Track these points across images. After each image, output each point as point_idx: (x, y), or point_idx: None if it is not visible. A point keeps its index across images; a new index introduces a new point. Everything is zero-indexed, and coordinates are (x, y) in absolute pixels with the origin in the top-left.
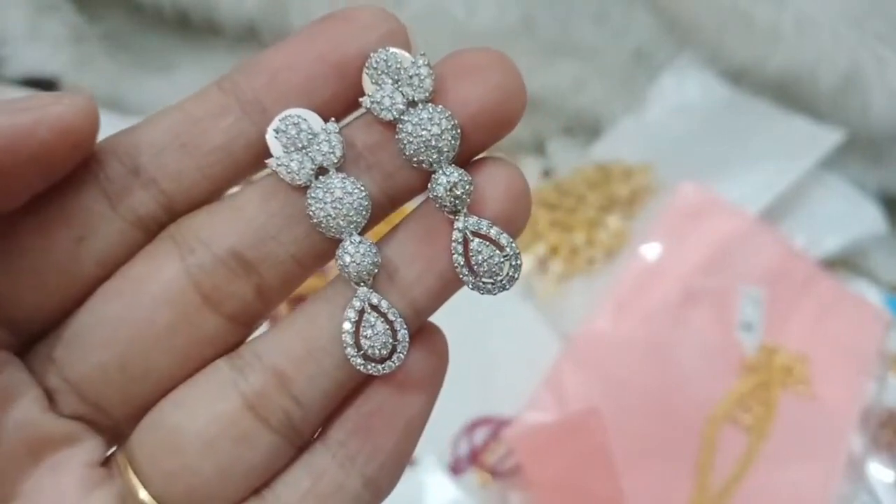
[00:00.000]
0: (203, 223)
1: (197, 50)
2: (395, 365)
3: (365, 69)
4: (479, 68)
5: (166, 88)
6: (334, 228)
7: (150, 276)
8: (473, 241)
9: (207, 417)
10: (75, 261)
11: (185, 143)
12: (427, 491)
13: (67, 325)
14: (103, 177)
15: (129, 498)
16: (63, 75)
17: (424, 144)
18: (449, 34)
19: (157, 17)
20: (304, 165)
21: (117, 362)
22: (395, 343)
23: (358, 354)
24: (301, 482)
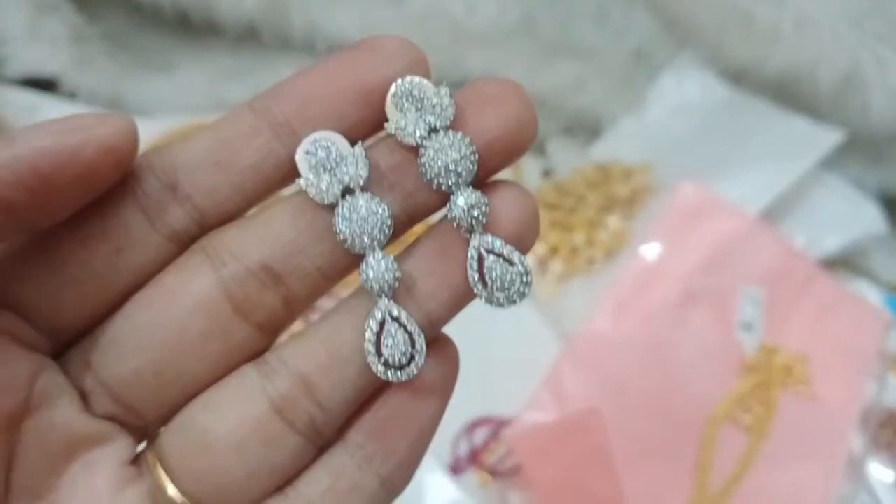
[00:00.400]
0: (234, 237)
1: (197, 50)
2: (413, 372)
3: (391, 96)
4: (496, 98)
5: (166, 88)
6: (359, 245)
7: (184, 287)
8: (488, 258)
9: (237, 420)
10: (113, 271)
11: (218, 161)
12: (427, 491)
13: (103, 331)
14: (141, 192)
15: (159, 495)
16: (63, 75)
17: (445, 169)
18: (449, 34)
19: (158, 17)
20: (332, 186)
21: (152, 367)
22: (413, 352)
23: (379, 362)
24: (321, 481)
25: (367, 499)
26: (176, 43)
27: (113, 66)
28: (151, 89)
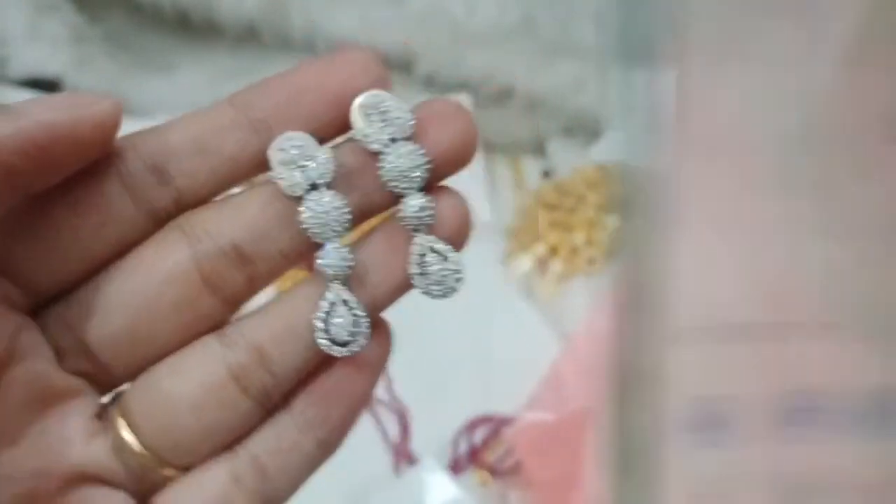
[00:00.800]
0: (209, 218)
1: (197, 50)
2: (355, 349)
3: (359, 106)
4: (447, 117)
5: (167, 88)
6: (320, 234)
7: (161, 259)
8: (428, 255)
9: (197, 383)
10: (96, 241)
11: (200, 149)
12: (427, 490)
13: (83, 294)
14: (125, 172)
15: (123, 446)
16: (64, 75)
17: (401, 174)
18: (449, 34)
19: (158, 18)
20: (301, 181)
21: (127, 329)
22: (356, 332)
23: (326, 338)
24: (267, 440)
25: (304, 456)
26: (176, 43)
27: (113, 67)
28: (152, 89)
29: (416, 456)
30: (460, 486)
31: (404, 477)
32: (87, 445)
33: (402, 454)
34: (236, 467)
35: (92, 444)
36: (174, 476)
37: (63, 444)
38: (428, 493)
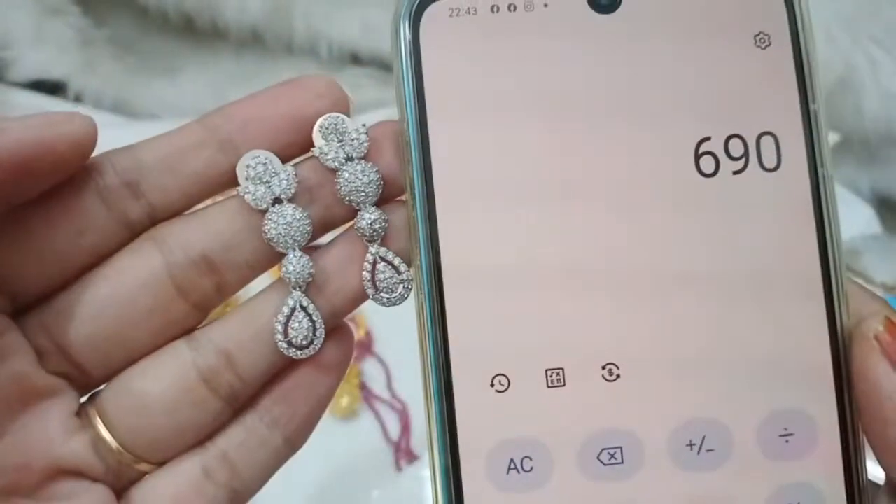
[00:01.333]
0: (180, 230)
1: (202, 54)
2: (311, 353)
3: (319, 127)
4: (396, 137)
5: (171, 92)
6: (282, 245)
7: (136, 268)
8: (380, 264)
9: (169, 385)
10: (73, 250)
11: (171, 166)
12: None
13: (62, 300)
14: (102, 185)
15: (100, 444)
16: (69, 78)
17: (356, 189)
18: None
19: (163, 22)
20: (266, 195)
21: (103, 333)
22: (313, 337)
23: (284, 340)
24: (236, 437)
25: (271, 452)
26: (181, 47)
27: (118, 70)
28: (156, 92)
29: (417, 453)
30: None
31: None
32: (66, 441)
33: (403, 452)
34: (207, 462)
35: (71, 440)
36: (149, 470)
37: (44, 440)
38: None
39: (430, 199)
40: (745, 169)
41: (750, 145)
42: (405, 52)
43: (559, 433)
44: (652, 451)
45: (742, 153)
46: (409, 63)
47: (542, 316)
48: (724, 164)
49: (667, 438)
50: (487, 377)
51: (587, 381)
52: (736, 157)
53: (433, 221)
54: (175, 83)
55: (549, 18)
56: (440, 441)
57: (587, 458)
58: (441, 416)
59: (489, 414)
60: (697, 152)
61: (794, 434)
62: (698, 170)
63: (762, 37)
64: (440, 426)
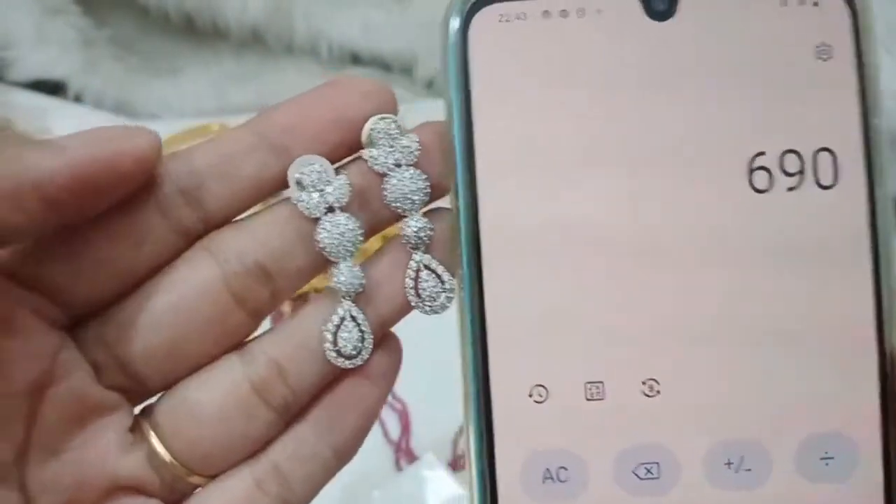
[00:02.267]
0: (234, 238)
1: (202, 54)
2: (359, 362)
3: (370, 129)
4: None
5: (172, 92)
6: (335, 254)
7: (193, 278)
8: (423, 272)
9: (222, 396)
10: (131, 261)
11: (224, 172)
12: (428, 487)
13: (119, 312)
14: (160, 195)
15: (154, 458)
16: (70, 78)
17: (403, 196)
18: None
19: (164, 22)
20: (319, 204)
21: (163, 344)
22: (362, 346)
23: (333, 350)
24: (287, 448)
25: (321, 463)
26: (181, 47)
27: (119, 70)
28: (157, 92)
29: (417, 453)
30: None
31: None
32: (122, 457)
33: (403, 451)
34: (259, 474)
35: (127, 455)
36: (202, 483)
37: (100, 457)
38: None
39: (473, 202)
40: (800, 186)
41: (806, 161)
42: (454, 54)
43: (596, 446)
44: (689, 468)
45: (798, 169)
46: (458, 65)
47: (584, 328)
48: (778, 181)
49: (704, 456)
50: (526, 388)
51: (627, 395)
52: (791, 174)
53: (475, 224)
54: (176, 83)
55: (602, 24)
56: (477, 448)
57: (623, 472)
58: (479, 424)
59: (527, 424)
60: (751, 167)
61: (835, 458)
62: (751, 185)
63: (823, 48)
64: (477, 433)
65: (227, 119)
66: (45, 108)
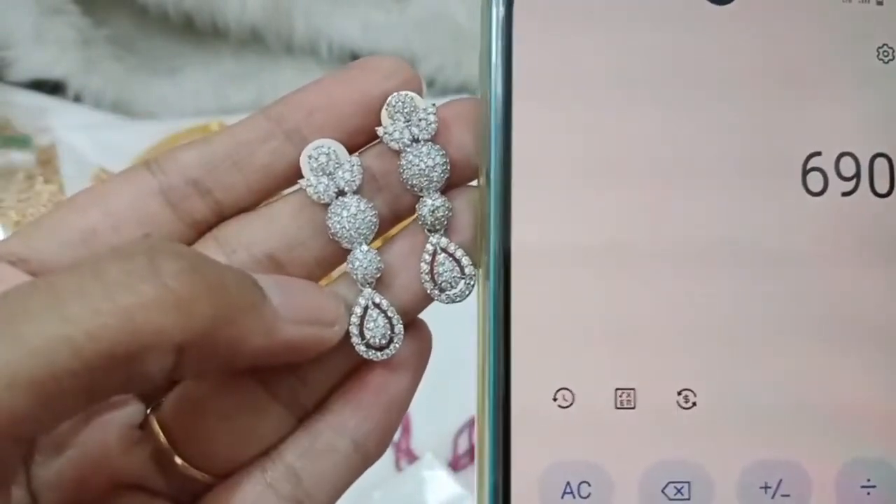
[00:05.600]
0: (243, 228)
1: (202, 53)
2: (391, 353)
3: (385, 105)
4: (471, 117)
5: (171, 91)
6: (347, 239)
7: None
8: (440, 255)
9: (229, 392)
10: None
11: (237, 161)
12: (428, 487)
13: None
14: (167, 185)
15: (161, 456)
16: (69, 78)
17: (419, 173)
18: (450, 38)
19: (163, 21)
20: (329, 188)
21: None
22: (392, 335)
23: (361, 343)
24: (301, 443)
25: (341, 459)
26: (181, 46)
27: (118, 69)
28: (156, 92)
29: (417, 453)
30: (460, 484)
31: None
32: (127, 454)
33: (403, 451)
34: (270, 473)
35: (132, 452)
36: (212, 482)
37: (104, 453)
38: (428, 490)
39: (506, 187)
40: (855, 191)
41: (862, 166)
42: (496, 29)
43: (623, 459)
44: (722, 489)
45: (853, 173)
46: (499, 41)
47: (618, 329)
48: (832, 184)
49: (739, 478)
50: (551, 389)
51: (660, 405)
52: (847, 178)
53: (507, 211)
54: (175, 83)
55: (656, 4)
56: (491, 455)
57: (651, 491)
58: (494, 428)
59: (548, 430)
60: (805, 167)
61: (877, 486)
62: (805, 187)
63: (886, 49)
64: (492, 439)
65: (227, 118)
66: (45, 107)
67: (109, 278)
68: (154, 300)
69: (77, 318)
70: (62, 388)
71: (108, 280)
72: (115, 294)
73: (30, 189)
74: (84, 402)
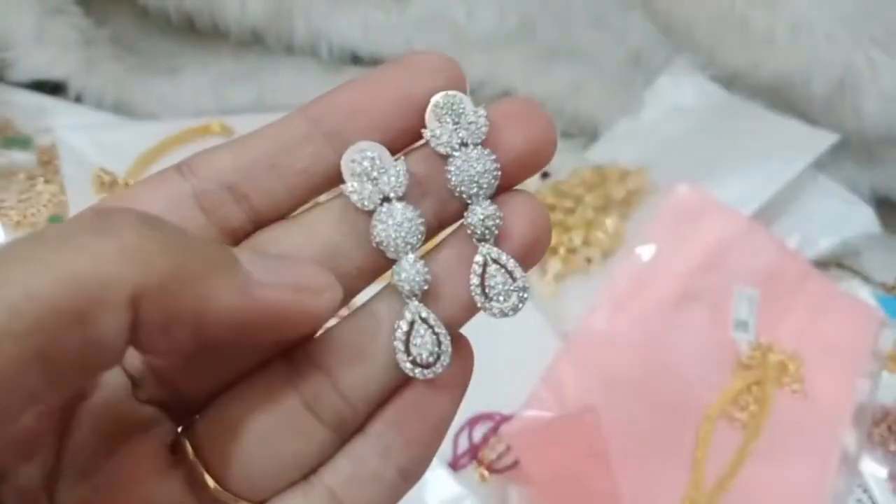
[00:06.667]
0: (282, 237)
1: (202, 53)
2: (439, 370)
3: (432, 106)
4: (521, 117)
5: (171, 91)
6: (393, 248)
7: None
8: (491, 266)
9: (268, 412)
10: None
11: (274, 164)
12: (428, 486)
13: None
14: (200, 190)
15: (194, 480)
16: (70, 78)
17: (469, 179)
18: (450, 38)
19: (163, 21)
20: (373, 194)
21: (202, 353)
22: (439, 352)
23: (408, 360)
24: (343, 469)
25: (385, 487)
26: (181, 46)
27: (119, 69)
28: (157, 92)
29: None
30: (460, 483)
31: None
32: (158, 480)
33: None
34: (312, 500)
35: (163, 478)
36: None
37: (133, 480)
38: (428, 489)
39: None
40: None
41: None
42: None
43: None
44: None
45: None
46: None
47: None
48: None
49: None
50: None
51: None
52: None
53: None
54: (175, 83)
55: None
56: None
57: None
58: None
59: None
60: None
61: None
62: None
63: None
64: None
65: (227, 118)
66: (46, 107)
67: (51, 235)
68: (101, 252)
69: (15, 279)
70: (7, 356)
71: (49, 238)
72: (57, 250)
73: (31, 189)
74: (43, 380)
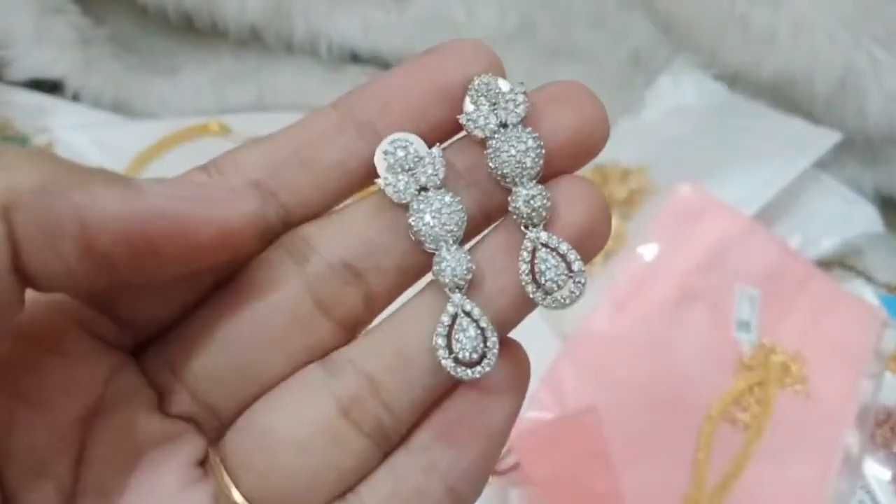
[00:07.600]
0: (315, 234)
1: (201, 52)
2: (485, 370)
3: (468, 91)
4: (569, 98)
5: (170, 90)
6: (432, 238)
7: (268, 283)
8: (541, 250)
9: (301, 420)
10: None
11: (304, 160)
12: None
13: (187, 327)
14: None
15: (222, 497)
16: (68, 77)
17: (509, 159)
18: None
19: (162, 20)
20: (409, 185)
21: (234, 362)
22: (484, 349)
23: (449, 357)
24: (384, 485)
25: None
26: (180, 45)
27: (118, 69)
28: (155, 91)
29: None
30: None
31: None
32: (184, 498)
33: None
34: None
35: (190, 495)
36: None
37: (158, 497)
38: None
39: None
40: None
41: None
42: None
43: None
44: None
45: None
46: None
47: None
48: None
49: None
50: None
51: None
52: None
53: None
54: (174, 82)
55: None
56: None
57: None
58: None
59: None
60: None
61: None
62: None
63: None
64: None
65: (226, 118)
66: (44, 107)
67: None
68: None
69: None
70: None
71: None
72: None
73: None
74: None
